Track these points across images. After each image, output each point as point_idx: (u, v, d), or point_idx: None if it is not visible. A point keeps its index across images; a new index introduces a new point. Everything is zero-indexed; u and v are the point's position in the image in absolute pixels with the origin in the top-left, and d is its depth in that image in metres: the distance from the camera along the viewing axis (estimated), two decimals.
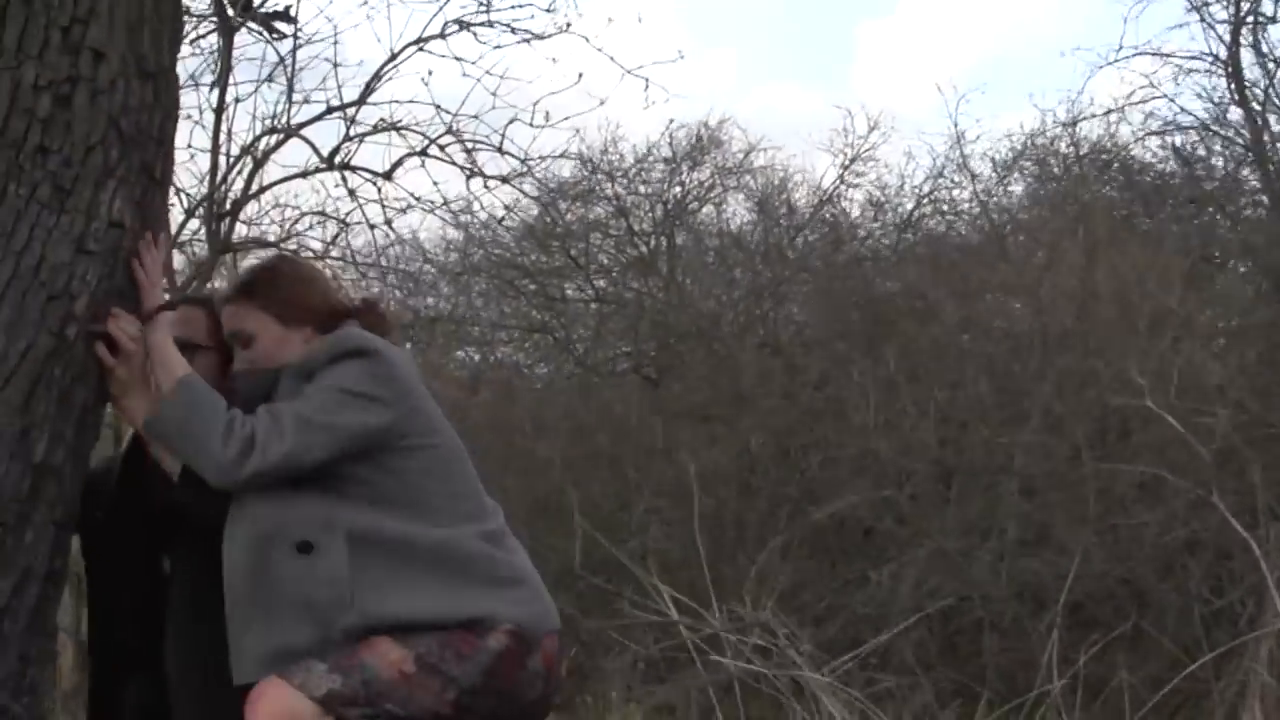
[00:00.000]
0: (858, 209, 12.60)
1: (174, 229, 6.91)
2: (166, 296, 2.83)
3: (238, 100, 7.61)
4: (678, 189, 12.36)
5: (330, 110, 7.68)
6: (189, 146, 7.92)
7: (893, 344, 8.02)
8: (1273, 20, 11.34)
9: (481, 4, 7.93)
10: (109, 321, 2.56)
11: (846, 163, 12.38)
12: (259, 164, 7.58)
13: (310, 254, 7.95)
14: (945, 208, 12.55)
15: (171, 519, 2.73)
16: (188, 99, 6.91)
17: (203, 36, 7.39)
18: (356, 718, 2.47)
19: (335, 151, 7.68)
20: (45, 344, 2.45)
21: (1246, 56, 11.35)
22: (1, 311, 2.40)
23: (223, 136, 7.52)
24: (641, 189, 12.22)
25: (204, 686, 2.65)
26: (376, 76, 7.94)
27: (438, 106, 7.85)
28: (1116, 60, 11.59)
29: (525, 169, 8.25)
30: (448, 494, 2.61)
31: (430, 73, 7.86)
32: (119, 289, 2.61)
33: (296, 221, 8.17)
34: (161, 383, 2.62)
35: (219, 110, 7.51)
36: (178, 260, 7.36)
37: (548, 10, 7.99)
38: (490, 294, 12.15)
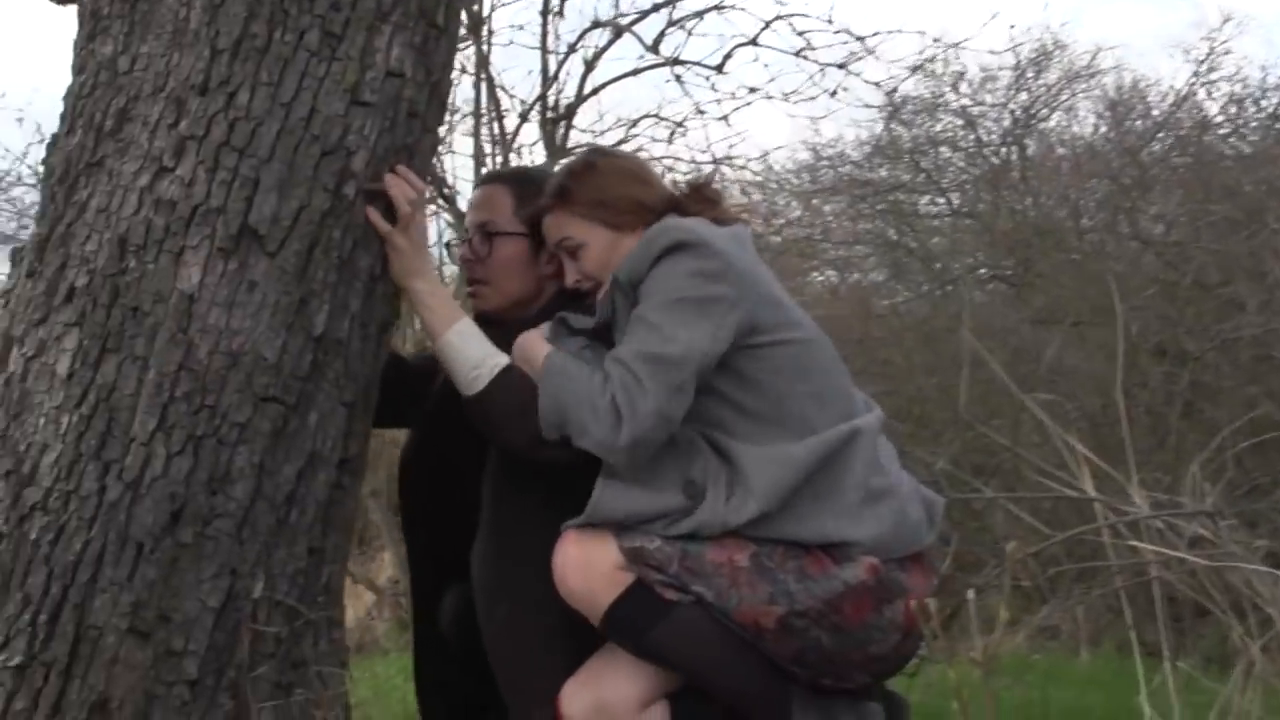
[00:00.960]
0: (1216, 106, 11.25)
1: (509, 134, 6.72)
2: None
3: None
4: (1024, 95, 11.43)
5: (658, 7, 7.25)
6: (510, 43, 7.79)
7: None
8: None
9: None
10: (388, 182, 2.25)
11: (1201, 58, 11.04)
12: (590, 65, 7.26)
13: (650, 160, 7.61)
14: None
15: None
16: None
17: None
18: (658, 585, 2.10)
19: (660, 39, 7.22)
20: (320, 203, 2.15)
21: None
22: (271, 168, 2.11)
23: (550, 37, 7.31)
24: (988, 98, 11.38)
25: (504, 600, 2.35)
26: None
27: None
28: None
29: (863, 50, 7.58)
30: (810, 395, 2.18)
31: None
32: (400, 145, 2.26)
33: (634, 125, 7.81)
34: (436, 332, 2.30)
35: (545, 9, 7.24)
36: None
37: None
38: (842, 214, 11.61)
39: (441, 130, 2.71)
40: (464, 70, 6.85)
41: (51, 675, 1.94)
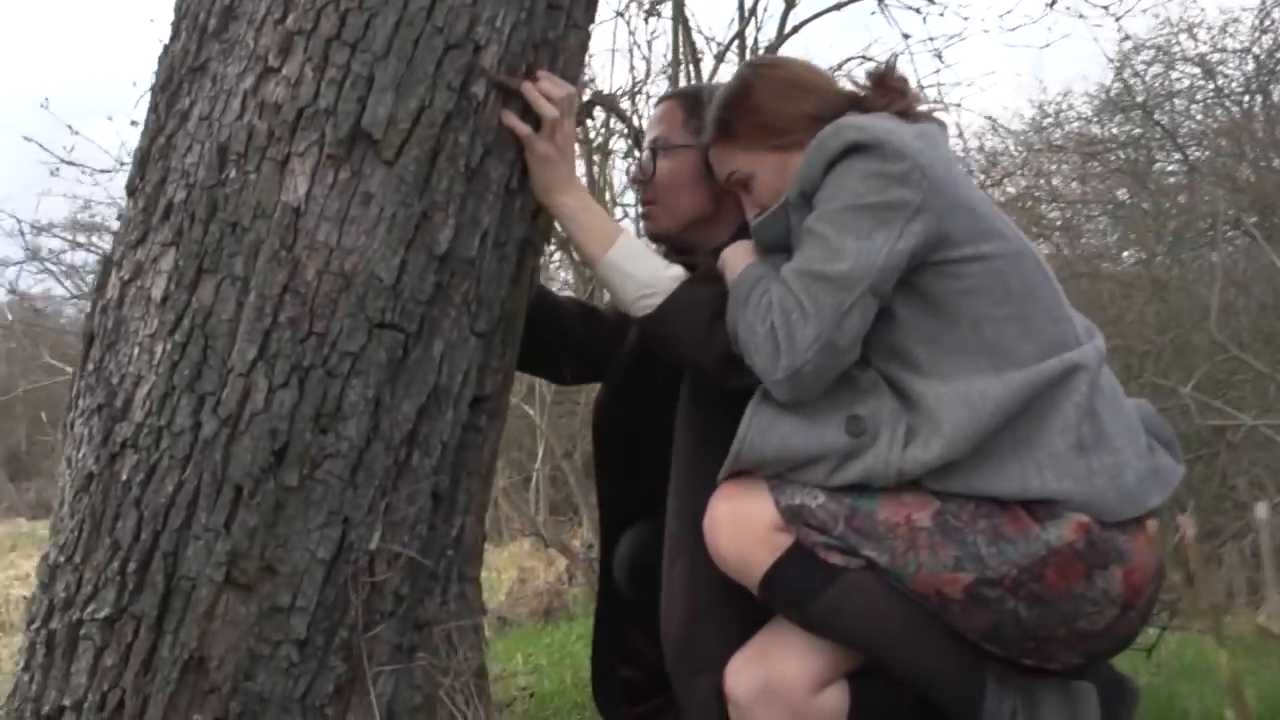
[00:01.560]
0: None
1: (705, 75, 6.30)
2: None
3: None
4: (1268, 39, 10.39)
5: None
6: None
7: None
8: None
9: None
10: (525, 82, 1.94)
11: None
12: (790, 2, 6.80)
13: None
14: None
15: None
16: None
17: None
18: (821, 548, 1.74)
19: None
20: (444, 103, 1.85)
21: None
22: (386, 65, 1.82)
23: None
24: (1229, 44, 10.38)
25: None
26: None
27: None
28: None
29: None
30: (1013, 320, 1.77)
31: None
32: (540, 40, 1.95)
33: (839, 68, 7.32)
34: (593, 255, 1.99)
35: None
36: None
37: None
38: (1070, 173, 10.80)
39: (635, 79, 2.42)
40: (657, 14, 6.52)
41: (142, 629, 1.71)
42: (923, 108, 1.99)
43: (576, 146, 2.20)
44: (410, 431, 1.82)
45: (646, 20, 6.86)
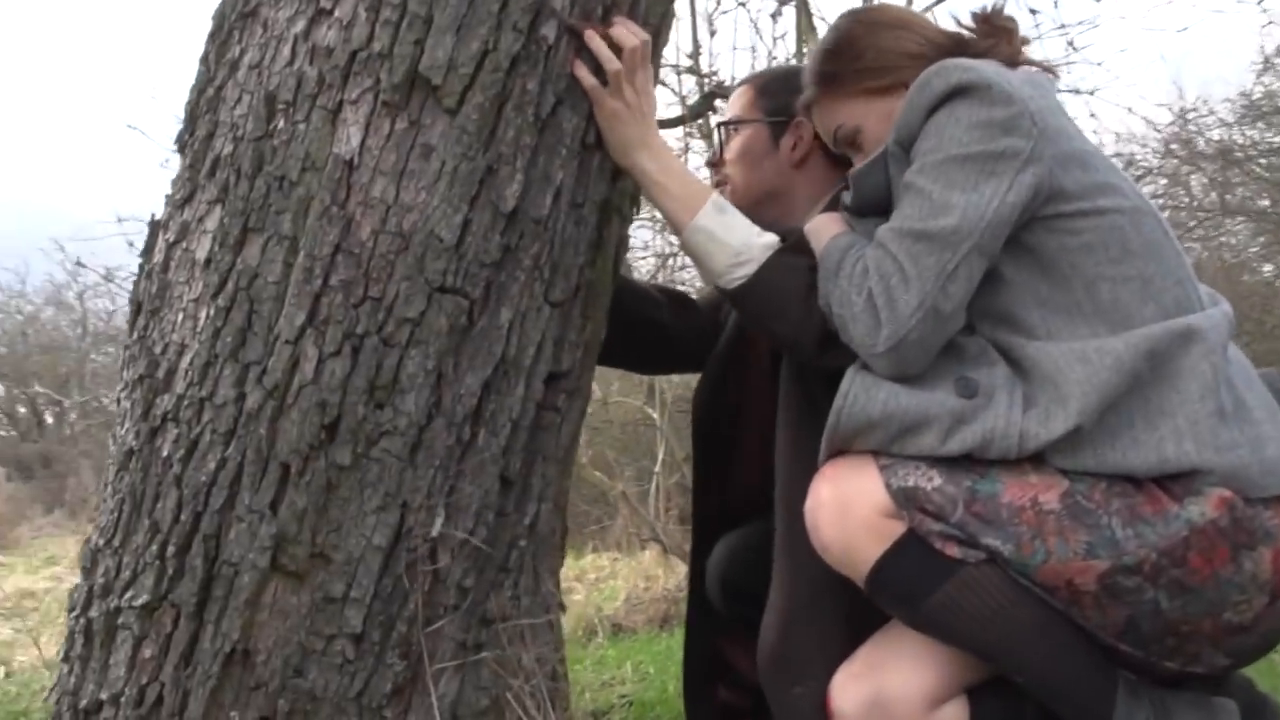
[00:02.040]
0: None
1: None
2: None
3: None
4: None
5: None
6: None
7: None
8: None
9: None
10: (590, 27, 1.74)
11: None
12: None
13: None
14: None
15: None
16: None
17: None
18: (937, 537, 1.49)
19: None
20: (510, 46, 1.66)
21: None
22: (446, 4, 1.63)
23: None
24: None
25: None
26: None
27: None
28: None
29: None
30: (1131, 280, 1.54)
31: None
32: None
33: None
34: (678, 220, 1.77)
35: None
36: None
37: None
38: (1210, 184, 10.17)
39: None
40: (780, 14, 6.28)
41: (181, 618, 1.54)
42: (1030, 59, 1.76)
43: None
44: (475, 407, 1.63)
45: (774, 20, 6.62)
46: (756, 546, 1.82)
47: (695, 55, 5.43)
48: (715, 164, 2.14)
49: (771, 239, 1.73)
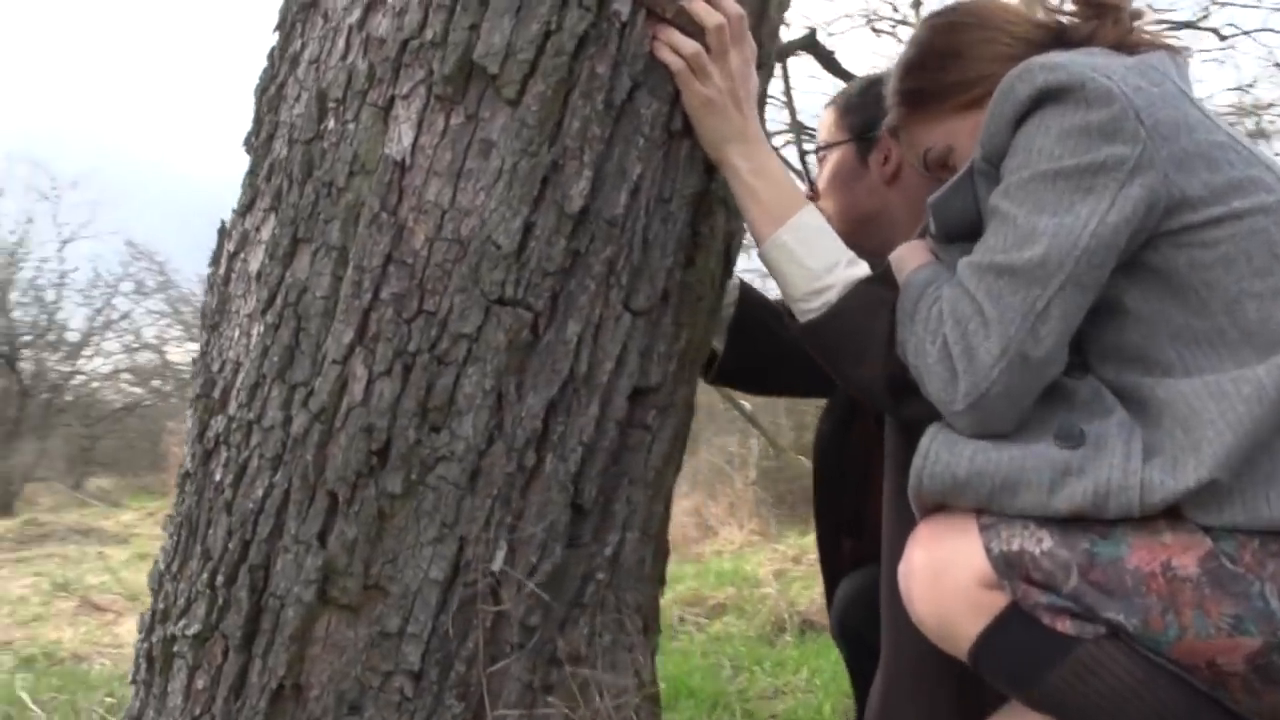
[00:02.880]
0: None
1: None
2: None
3: None
4: None
5: None
6: None
7: None
8: None
9: None
10: (673, 4, 1.49)
11: None
12: None
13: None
14: None
15: None
16: None
17: None
18: (1045, 610, 1.20)
19: None
20: (576, 25, 1.44)
21: None
22: None
23: None
24: None
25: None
26: None
27: None
28: None
29: None
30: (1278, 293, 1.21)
31: None
32: None
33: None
34: (760, 230, 1.51)
35: None
36: None
37: None
38: None
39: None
40: None
41: (230, 651, 1.43)
42: (1150, 32, 1.40)
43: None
44: (540, 430, 1.43)
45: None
46: (870, 594, 1.56)
47: None
48: (811, 198, 1.88)
49: (863, 269, 1.46)
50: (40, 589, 5.77)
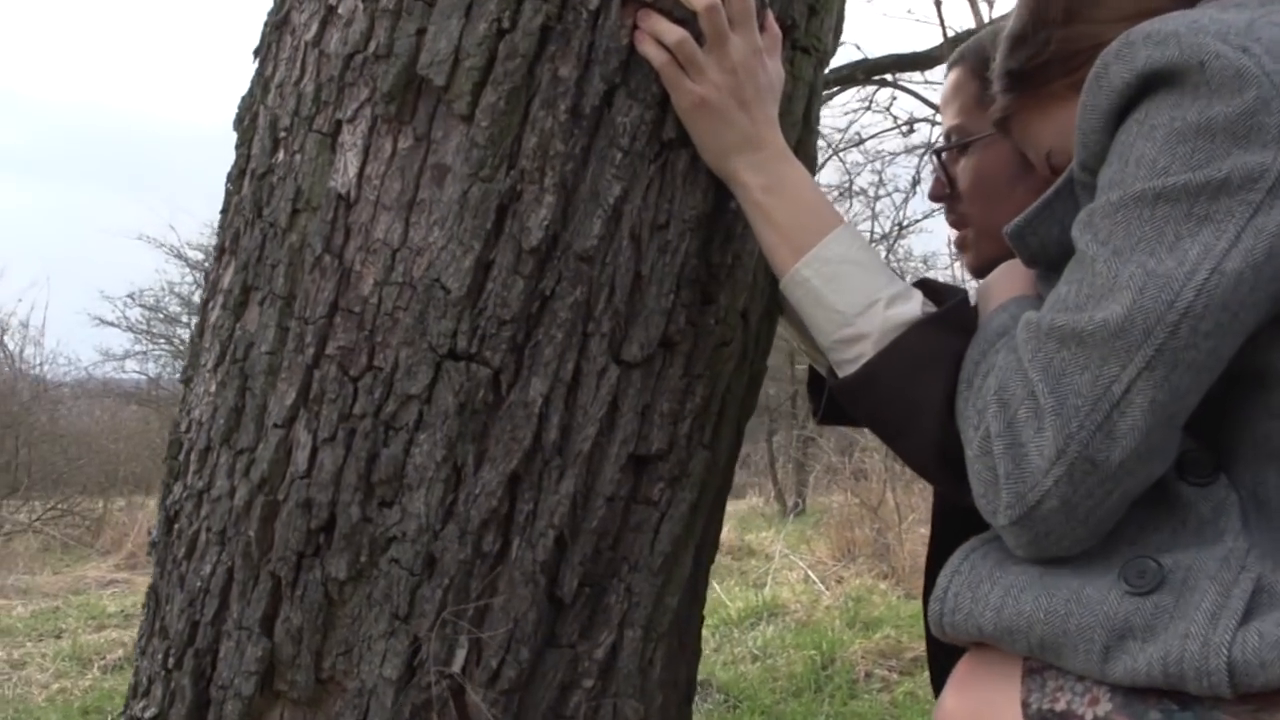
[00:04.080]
0: None
1: None
2: None
3: None
4: None
5: None
6: None
7: None
8: None
9: None
10: None
11: None
12: None
13: None
14: None
15: None
16: None
17: None
18: None
19: None
20: (531, 20, 1.14)
21: None
22: None
23: None
24: None
25: None
26: None
27: None
28: None
29: None
30: None
31: None
32: None
33: None
34: (780, 261, 1.15)
35: None
36: None
37: None
38: None
39: None
40: None
41: None
42: None
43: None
44: (497, 510, 1.15)
45: None
46: None
47: None
48: (943, 197, 1.44)
49: (912, 307, 1.07)
50: None
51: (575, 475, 1.17)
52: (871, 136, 6.37)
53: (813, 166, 1.33)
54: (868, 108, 6.05)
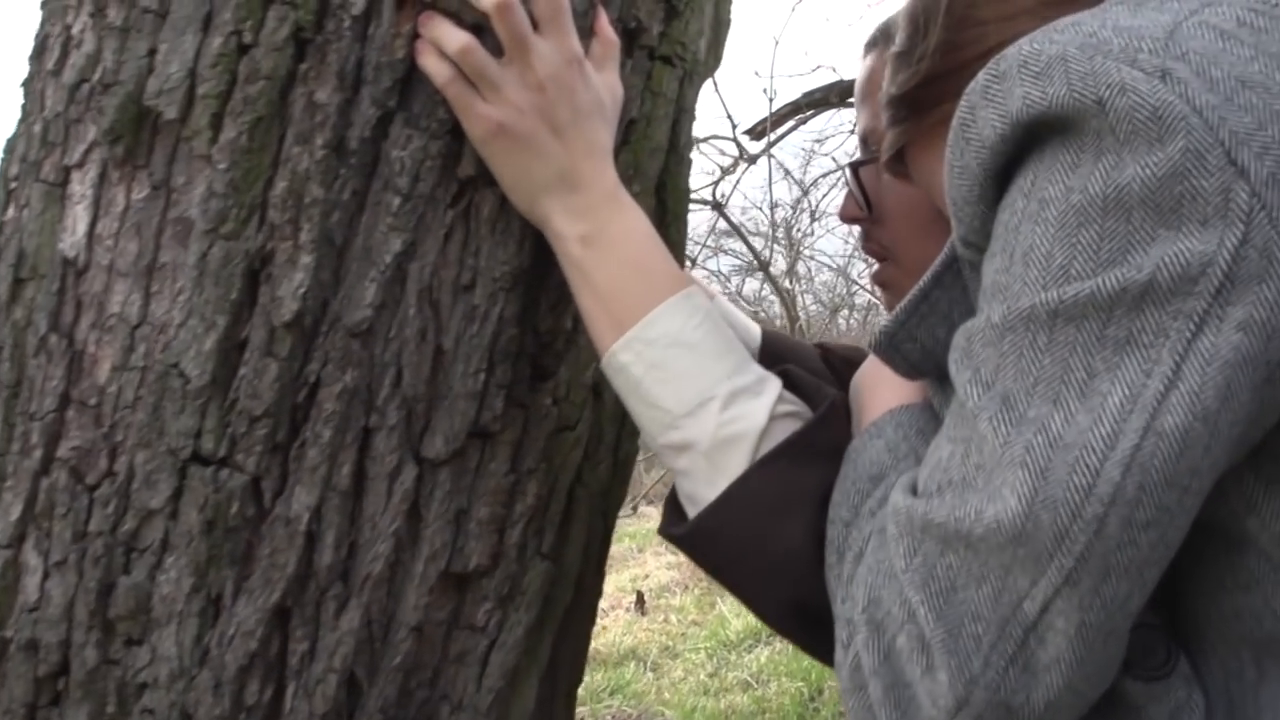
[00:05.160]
0: None
1: None
2: None
3: None
4: None
5: None
6: None
7: None
8: None
9: None
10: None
11: None
12: None
13: None
14: None
15: None
16: None
17: None
18: None
19: None
20: (275, 32, 0.85)
21: None
22: None
23: None
24: None
25: None
26: None
27: None
28: None
29: None
30: None
31: None
32: None
33: None
34: (600, 338, 0.87)
35: None
36: None
37: None
38: None
39: None
40: None
41: None
42: None
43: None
44: (260, 651, 0.88)
45: None
46: None
47: None
48: (858, 219, 1.12)
49: (758, 409, 0.78)
50: None
51: (363, 604, 0.89)
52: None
53: (683, 203, 1.04)
54: (852, 131, 5.69)
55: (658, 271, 0.85)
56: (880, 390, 0.77)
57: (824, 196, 6.22)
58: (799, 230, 6.82)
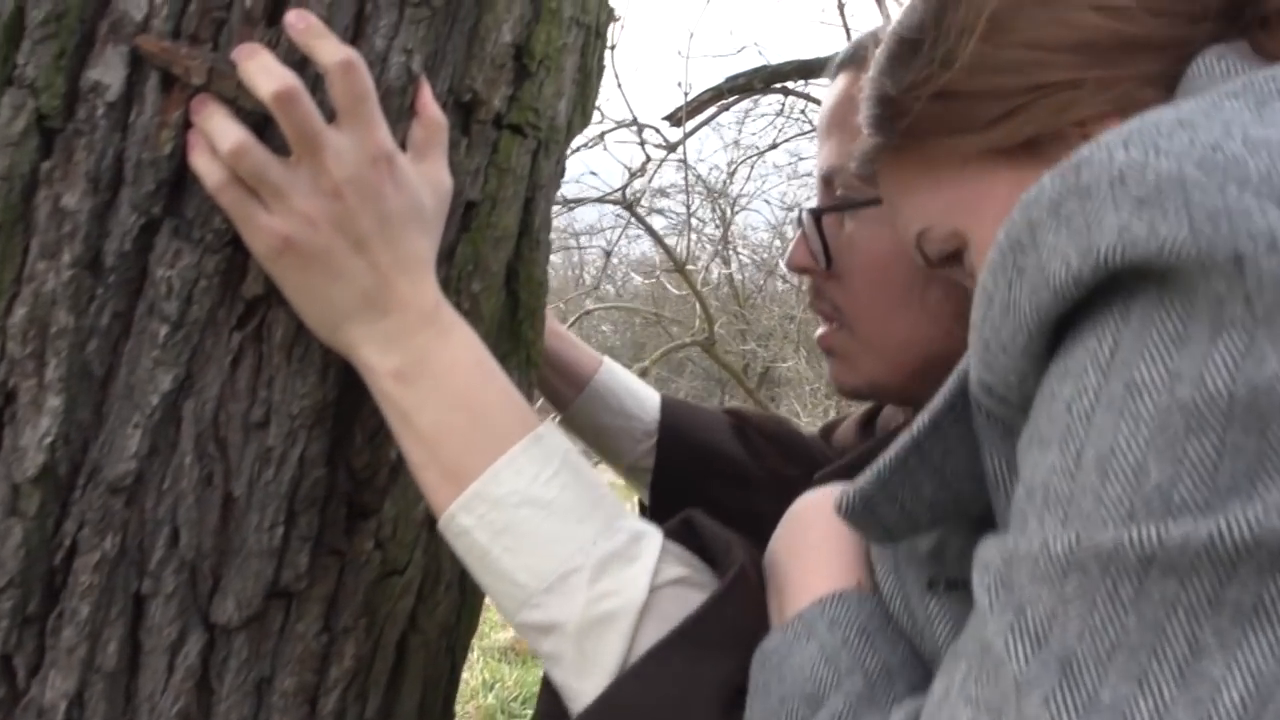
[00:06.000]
0: None
1: None
2: None
3: None
4: None
5: None
6: None
7: None
8: None
9: None
10: (178, 47, 0.68)
11: None
12: None
13: None
14: None
15: None
16: None
17: None
18: None
19: None
20: (10, 123, 0.70)
21: None
22: None
23: None
24: None
25: None
26: None
27: None
28: None
29: None
30: None
31: None
32: None
33: None
34: (434, 498, 0.70)
35: None
36: None
37: None
38: None
39: None
40: None
41: None
42: None
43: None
44: None
45: None
46: None
47: None
48: (809, 270, 0.93)
49: (636, 581, 0.63)
50: None
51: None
52: (786, 140, 5.75)
53: (539, 295, 0.87)
54: (780, 112, 5.53)
55: (496, 409, 0.69)
56: (805, 562, 0.62)
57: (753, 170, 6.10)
58: (730, 197, 6.63)
